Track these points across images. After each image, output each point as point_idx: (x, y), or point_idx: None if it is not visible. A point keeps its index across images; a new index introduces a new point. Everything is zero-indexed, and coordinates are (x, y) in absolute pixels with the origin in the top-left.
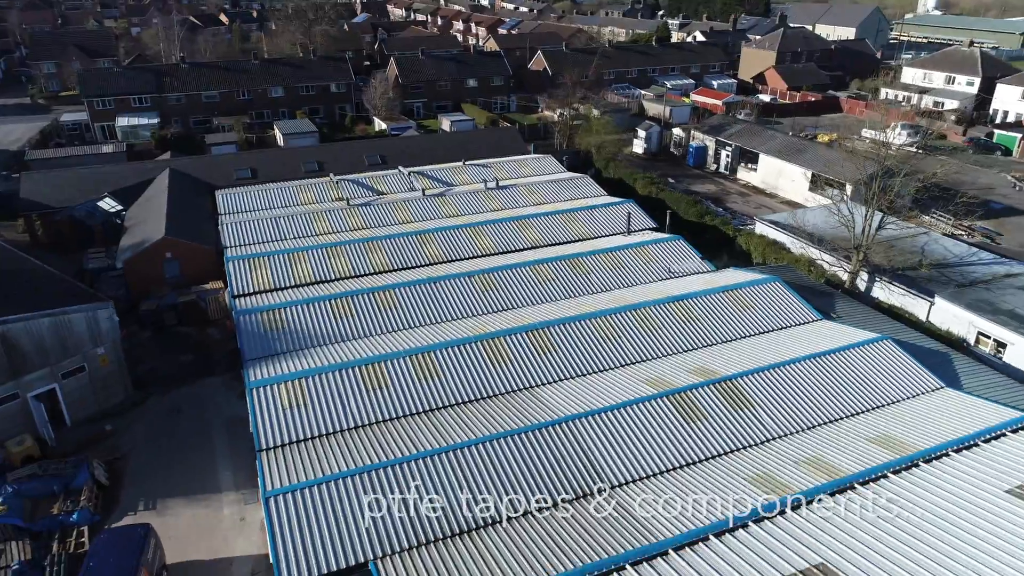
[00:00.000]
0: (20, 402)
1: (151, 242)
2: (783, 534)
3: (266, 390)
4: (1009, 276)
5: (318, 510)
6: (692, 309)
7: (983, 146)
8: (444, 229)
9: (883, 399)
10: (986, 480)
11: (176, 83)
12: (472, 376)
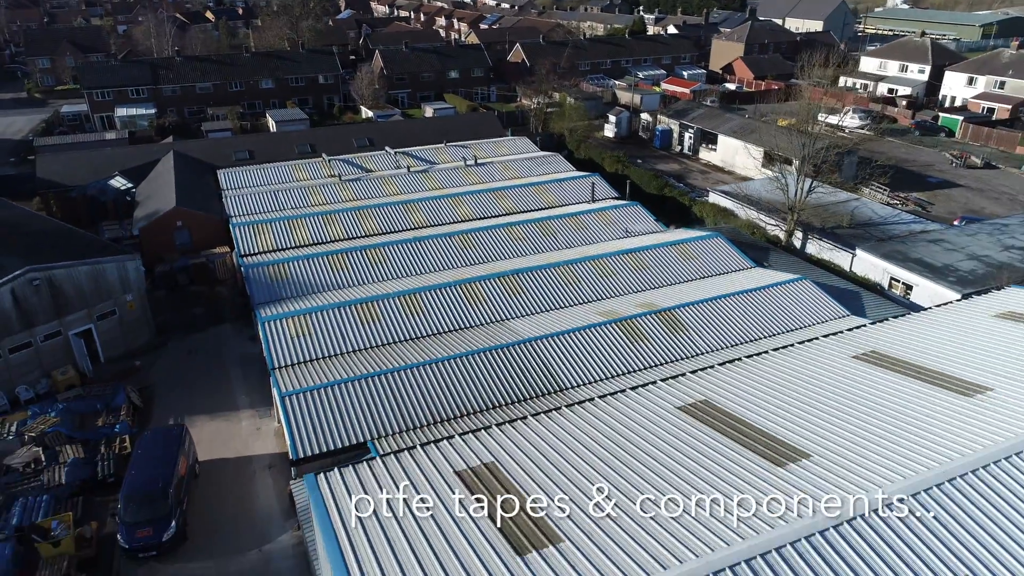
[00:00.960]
0: (63, 338)
1: (163, 212)
2: (683, 385)
3: (276, 323)
4: (922, 233)
5: (324, 405)
6: (642, 259)
7: (928, 128)
8: (427, 199)
9: (797, 324)
10: (840, 350)
11: (171, 75)
12: (452, 312)
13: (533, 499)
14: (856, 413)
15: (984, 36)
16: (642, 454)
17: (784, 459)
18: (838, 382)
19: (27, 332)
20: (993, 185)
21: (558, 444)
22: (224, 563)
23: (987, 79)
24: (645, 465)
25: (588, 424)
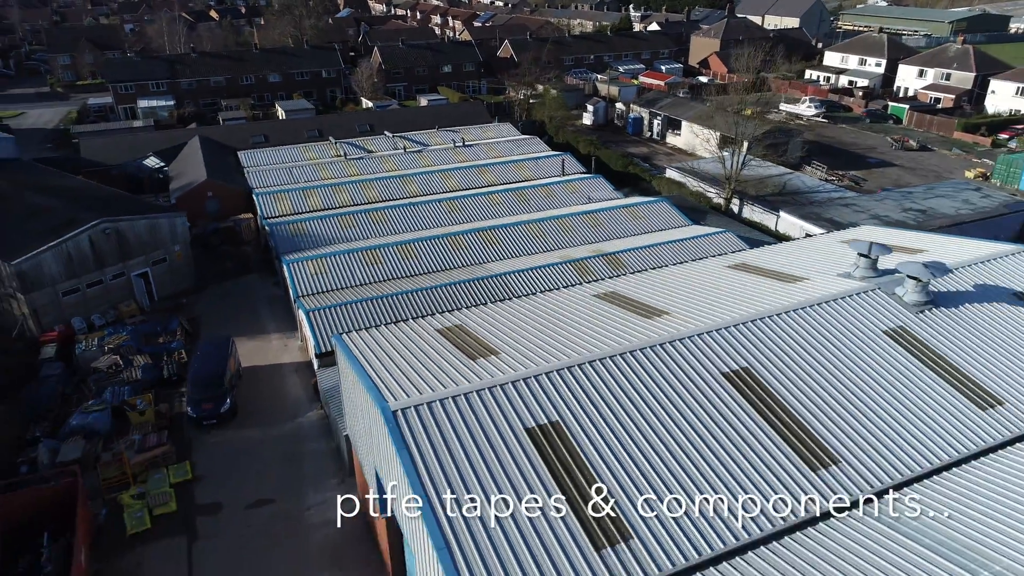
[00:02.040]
0: (126, 278)
1: (196, 183)
2: (600, 286)
3: (298, 264)
4: (838, 199)
5: (338, 317)
6: (598, 219)
7: (878, 116)
8: (421, 173)
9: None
10: (719, 264)
11: (187, 70)
12: (440, 257)
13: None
14: (711, 293)
15: (954, 32)
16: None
17: (652, 315)
18: (708, 279)
19: (99, 272)
20: (924, 165)
21: (506, 315)
22: (267, 430)
23: (935, 71)
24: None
25: (531, 307)
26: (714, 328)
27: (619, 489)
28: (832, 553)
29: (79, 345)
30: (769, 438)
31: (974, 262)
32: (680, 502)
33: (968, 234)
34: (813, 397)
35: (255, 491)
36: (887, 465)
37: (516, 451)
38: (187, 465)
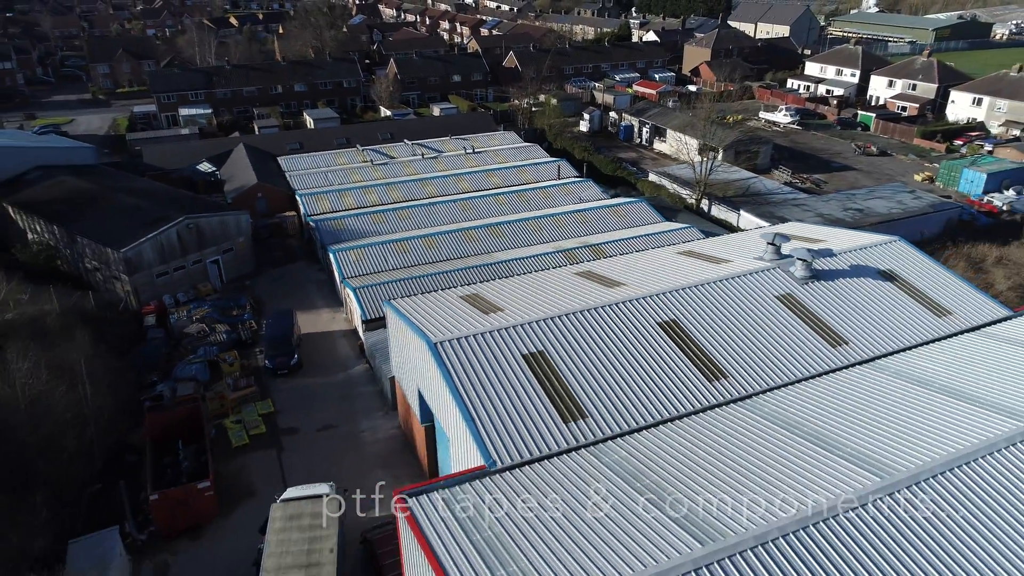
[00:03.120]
0: (203, 264)
1: (248, 186)
2: (581, 265)
3: (342, 253)
4: (792, 200)
5: (378, 292)
6: (587, 216)
7: (848, 123)
8: (437, 177)
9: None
10: (672, 251)
11: (223, 81)
12: (456, 247)
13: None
14: (658, 270)
15: (938, 39)
16: (552, 287)
17: (613, 285)
18: (659, 261)
19: (183, 258)
20: (880, 169)
21: (509, 286)
22: (325, 378)
23: (903, 82)
24: (551, 290)
25: (527, 280)
26: (654, 293)
27: (580, 390)
28: (709, 428)
29: (172, 316)
30: (683, 363)
31: (854, 248)
32: (618, 397)
33: (896, 230)
34: (717, 338)
35: (321, 420)
36: (758, 378)
37: (515, 368)
38: (269, 402)
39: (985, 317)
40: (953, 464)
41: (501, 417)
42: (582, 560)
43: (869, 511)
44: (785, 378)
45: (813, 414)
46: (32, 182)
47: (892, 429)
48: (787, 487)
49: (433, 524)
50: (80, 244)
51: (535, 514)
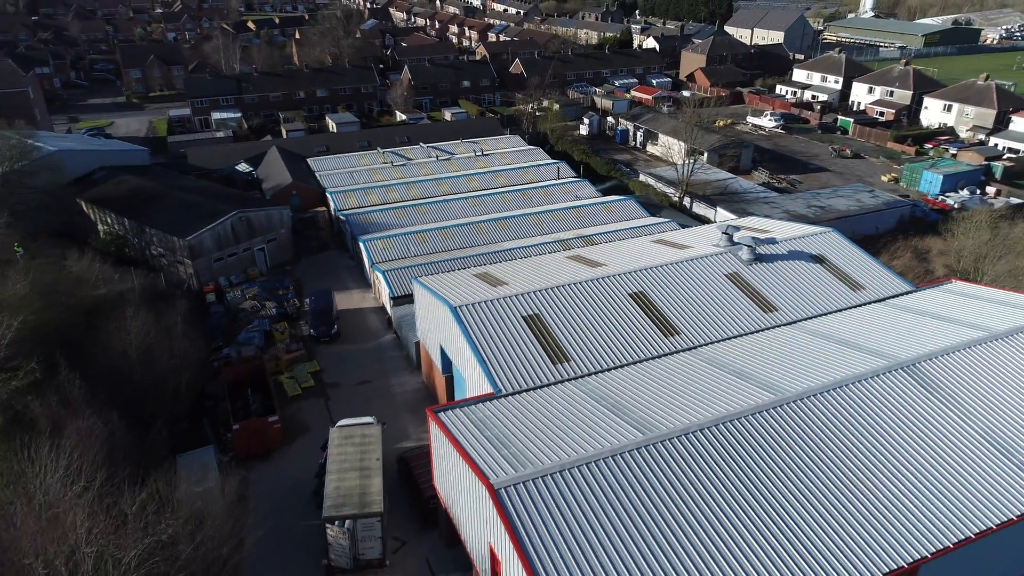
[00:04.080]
0: (251, 251)
1: (284, 184)
2: (571, 251)
3: (370, 242)
4: (763, 198)
5: (403, 275)
6: (582, 212)
7: (828, 128)
8: (450, 177)
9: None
10: (645, 240)
11: (251, 87)
12: (467, 238)
13: (502, 278)
14: (633, 253)
15: (927, 44)
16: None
17: (595, 265)
18: (635, 247)
19: (236, 246)
20: (852, 170)
21: (513, 266)
22: (360, 345)
23: (881, 89)
24: (546, 269)
25: (527, 263)
26: (627, 271)
27: (565, 341)
28: (660, 368)
29: (228, 294)
30: (646, 323)
31: (794, 237)
32: (594, 347)
33: (853, 225)
34: (674, 305)
35: (358, 376)
36: (703, 334)
37: (517, 325)
38: (315, 362)
39: (891, 291)
40: (829, 387)
41: (505, 360)
42: (560, 443)
43: (762, 416)
44: (724, 335)
45: (739, 358)
46: (99, 181)
47: (794, 367)
48: (709, 402)
49: (456, 425)
50: (148, 234)
51: (528, 420)
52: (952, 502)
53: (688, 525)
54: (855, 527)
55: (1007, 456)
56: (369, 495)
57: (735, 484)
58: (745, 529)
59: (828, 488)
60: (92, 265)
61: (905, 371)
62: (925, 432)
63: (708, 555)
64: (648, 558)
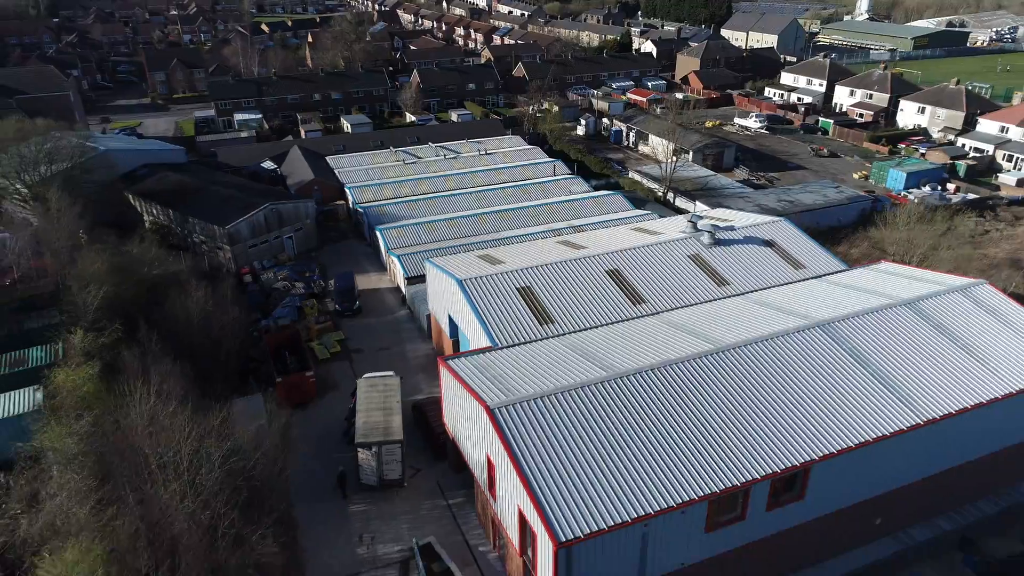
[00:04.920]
0: (280, 239)
1: (307, 180)
2: (561, 238)
3: (386, 231)
4: (739, 193)
5: (415, 259)
6: (574, 206)
7: (809, 128)
8: (457, 174)
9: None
10: (627, 229)
11: (271, 90)
12: (471, 228)
13: (501, 258)
14: (613, 238)
15: (917, 47)
16: (539, 249)
17: (579, 248)
18: (616, 234)
19: (267, 234)
20: (827, 168)
21: (510, 249)
22: (378, 318)
23: (862, 92)
24: (538, 251)
25: (524, 246)
26: (605, 252)
27: (551, 308)
28: (627, 329)
29: (263, 276)
30: (618, 294)
31: (751, 225)
32: (574, 312)
33: (818, 218)
34: (642, 279)
35: (378, 344)
36: (665, 303)
37: (512, 295)
38: (341, 332)
39: (828, 269)
40: (756, 340)
41: (502, 321)
42: (541, 379)
43: (700, 360)
44: (683, 304)
45: (692, 321)
46: (143, 177)
47: (734, 326)
48: (661, 351)
49: (462, 369)
50: (191, 223)
51: (518, 364)
52: (841, 422)
53: (637, 436)
54: (767, 437)
55: (890, 391)
56: (391, 427)
57: (675, 408)
58: (681, 440)
59: (747, 411)
60: (148, 249)
61: (820, 328)
62: (827, 372)
63: (651, 457)
64: (605, 458)
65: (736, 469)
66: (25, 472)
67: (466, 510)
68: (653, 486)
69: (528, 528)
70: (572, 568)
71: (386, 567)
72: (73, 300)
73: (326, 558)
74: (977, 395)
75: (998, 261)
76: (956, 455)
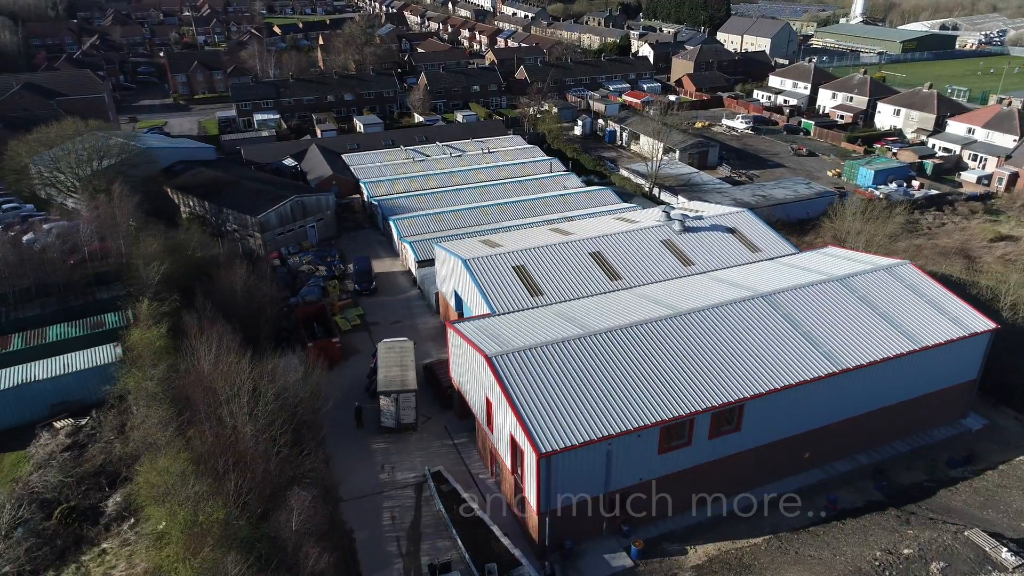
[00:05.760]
0: (303, 228)
1: (325, 176)
2: (554, 226)
3: (399, 220)
4: (717, 189)
5: (425, 245)
6: (567, 199)
7: (792, 129)
8: (461, 171)
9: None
10: (611, 219)
11: (288, 91)
12: (474, 219)
13: (500, 243)
14: (597, 226)
15: (905, 51)
16: (533, 236)
17: (567, 234)
18: (600, 222)
19: (293, 224)
20: (804, 166)
21: (508, 235)
22: (392, 297)
23: (843, 95)
24: (532, 237)
25: (520, 233)
26: (589, 236)
27: (541, 282)
28: (605, 300)
29: (289, 260)
30: (598, 271)
31: (717, 215)
32: (560, 286)
33: (788, 211)
34: (620, 260)
35: (392, 318)
36: (638, 279)
37: (508, 273)
38: (360, 308)
39: (780, 252)
40: (708, 307)
41: (499, 293)
42: (530, 335)
43: (661, 321)
44: (653, 280)
45: (659, 293)
46: (179, 172)
47: (692, 296)
48: (629, 315)
49: (466, 328)
50: (225, 213)
51: (512, 325)
52: (772, 370)
53: (605, 378)
54: (710, 380)
55: (815, 347)
56: (407, 380)
57: (637, 358)
58: (641, 381)
59: (695, 360)
60: (192, 235)
61: (762, 298)
62: (764, 332)
63: (616, 393)
64: (579, 394)
65: (683, 403)
66: (113, 409)
67: (468, 448)
68: (616, 414)
69: (518, 448)
70: (551, 476)
71: (404, 488)
72: (138, 275)
73: (355, 481)
74: (888, 351)
75: (948, 250)
76: (872, 401)
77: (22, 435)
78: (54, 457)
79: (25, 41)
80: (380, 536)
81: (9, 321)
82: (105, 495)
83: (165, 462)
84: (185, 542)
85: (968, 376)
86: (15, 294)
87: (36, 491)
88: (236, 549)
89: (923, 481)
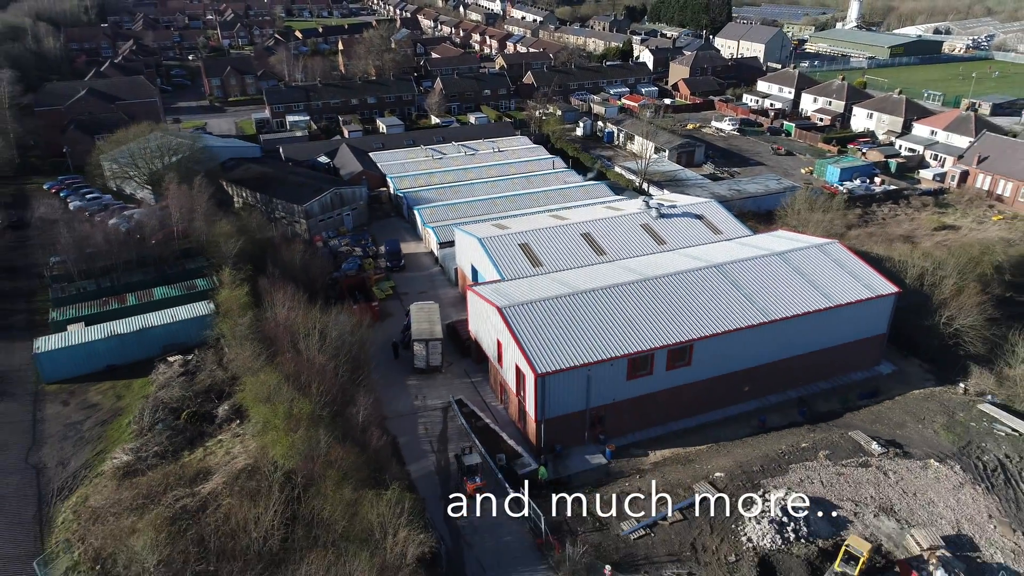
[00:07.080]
0: (341, 215)
1: (356, 172)
2: (551, 214)
3: (423, 210)
4: (698, 184)
5: (447, 229)
6: (567, 192)
7: (775, 131)
8: (475, 167)
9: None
10: (602, 207)
11: (316, 95)
12: (486, 209)
13: (509, 226)
14: (588, 212)
15: (893, 55)
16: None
17: (563, 219)
18: (592, 210)
19: (332, 212)
20: (781, 164)
21: (516, 220)
22: (417, 273)
23: (823, 99)
24: (533, 221)
25: (525, 220)
26: (581, 221)
27: (542, 256)
28: (593, 271)
29: (331, 243)
30: (588, 248)
31: (688, 204)
32: (556, 259)
33: (759, 203)
34: (606, 240)
35: (418, 289)
36: (620, 254)
37: (515, 250)
38: (391, 281)
39: (739, 234)
40: (670, 273)
41: (507, 264)
42: (531, 294)
43: (632, 284)
44: (632, 255)
45: (635, 265)
46: (231, 167)
47: (661, 267)
48: (610, 280)
49: (482, 290)
50: (275, 203)
51: (518, 288)
52: (716, 319)
53: (587, 323)
54: (667, 325)
55: (752, 303)
56: (435, 330)
57: (612, 309)
58: (614, 325)
59: (657, 311)
60: (252, 220)
61: (715, 268)
62: (712, 292)
63: (595, 333)
64: (568, 334)
65: (646, 341)
66: (211, 348)
67: (483, 386)
68: (595, 348)
69: (521, 374)
70: (546, 393)
71: (433, 411)
72: (218, 249)
73: (396, 406)
74: (809, 307)
75: (894, 236)
76: (799, 347)
77: (144, 368)
78: (173, 380)
79: (65, 46)
80: (417, 440)
81: (122, 284)
82: (215, 405)
83: (264, 377)
84: (285, 426)
85: (879, 330)
86: (120, 265)
87: (164, 402)
88: (323, 428)
89: (836, 408)
